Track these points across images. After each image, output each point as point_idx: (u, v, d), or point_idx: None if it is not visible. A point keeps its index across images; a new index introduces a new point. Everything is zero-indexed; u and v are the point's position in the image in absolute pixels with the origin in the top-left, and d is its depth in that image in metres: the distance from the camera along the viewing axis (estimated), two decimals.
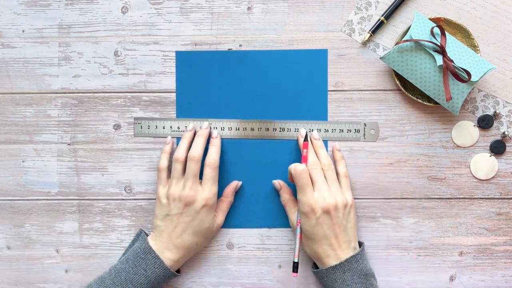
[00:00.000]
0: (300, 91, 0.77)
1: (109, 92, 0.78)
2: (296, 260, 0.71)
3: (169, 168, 0.75)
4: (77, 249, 0.78)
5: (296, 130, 0.76)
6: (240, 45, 0.77)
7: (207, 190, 0.72)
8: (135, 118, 0.77)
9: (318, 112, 0.77)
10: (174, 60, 0.78)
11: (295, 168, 0.71)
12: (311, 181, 0.71)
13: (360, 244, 0.74)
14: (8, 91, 0.78)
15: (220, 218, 0.76)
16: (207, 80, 0.77)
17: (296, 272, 0.71)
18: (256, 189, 0.77)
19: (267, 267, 0.78)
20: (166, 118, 0.77)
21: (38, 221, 0.78)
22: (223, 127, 0.77)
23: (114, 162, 0.78)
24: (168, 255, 0.72)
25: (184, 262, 0.75)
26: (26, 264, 0.78)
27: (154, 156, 0.78)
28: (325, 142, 0.77)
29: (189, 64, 0.77)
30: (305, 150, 0.73)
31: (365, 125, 0.77)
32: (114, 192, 0.78)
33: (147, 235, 0.74)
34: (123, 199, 0.78)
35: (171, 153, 0.76)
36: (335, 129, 0.77)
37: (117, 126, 0.78)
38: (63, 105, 0.78)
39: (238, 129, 0.77)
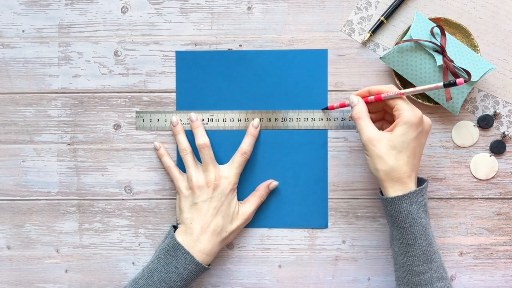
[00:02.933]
0: (300, 91, 0.77)
1: (109, 92, 0.78)
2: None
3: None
4: (77, 249, 0.78)
5: (298, 119, 0.76)
6: (240, 45, 0.77)
7: (226, 169, 0.74)
8: (137, 112, 0.77)
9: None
10: (174, 60, 0.77)
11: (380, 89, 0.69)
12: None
13: (423, 180, 0.71)
14: (8, 91, 0.78)
15: (247, 208, 0.75)
16: (207, 80, 0.77)
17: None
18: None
19: (267, 267, 0.77)
20: (167, 111, 0.77)
21: (38, 221, 0.78)
22: (225, 119, 0.77)
23: (114, 162, 0.78)
24: (199, 248, 0.71)
25: (215, 255, 0.73)
26: (26, 264, 0.78)
27: (154, 156, 0.78)
28: (327, 131, 0.77)
29: (189, 64, 0.77)
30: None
31: None
32: (114, 192, 0.78)
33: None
34: (123, 199, 0.78)
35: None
36: (337, 118, 0.77)
37: (117, 126, 0.78)
38: (63, 105, 0.78)
39: (240, 120, 0.77)
